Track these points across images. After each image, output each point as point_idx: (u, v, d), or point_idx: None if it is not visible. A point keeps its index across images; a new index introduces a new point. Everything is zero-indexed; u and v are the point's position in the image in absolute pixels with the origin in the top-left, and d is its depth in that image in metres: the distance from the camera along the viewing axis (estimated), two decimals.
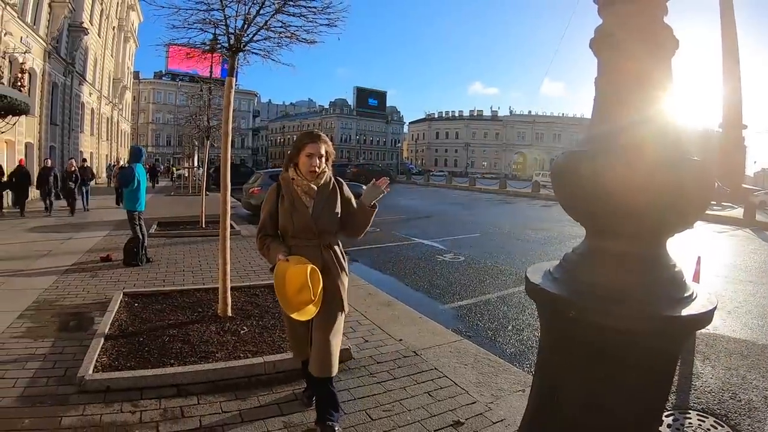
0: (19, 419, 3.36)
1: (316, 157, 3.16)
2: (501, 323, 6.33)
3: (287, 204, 3.19)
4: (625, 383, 2.03)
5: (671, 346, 2.10)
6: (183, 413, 3.53)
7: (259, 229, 3.32)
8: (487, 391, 4.06)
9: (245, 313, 5.55)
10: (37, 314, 5.64)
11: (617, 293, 1.99)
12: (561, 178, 2.25)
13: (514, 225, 16.98)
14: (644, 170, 1.91)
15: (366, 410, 3.68)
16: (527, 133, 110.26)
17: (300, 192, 3.20)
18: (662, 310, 1.95)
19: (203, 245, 10.75)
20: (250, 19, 5.03)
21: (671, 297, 2.00)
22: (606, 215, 2.07)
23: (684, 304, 1.98)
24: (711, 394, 4.40)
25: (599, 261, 2.13)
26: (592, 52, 2.26)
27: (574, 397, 2.15)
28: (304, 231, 3.17)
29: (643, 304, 1.95)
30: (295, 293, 2.86)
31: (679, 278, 2.08)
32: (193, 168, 31.40)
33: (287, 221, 3.18)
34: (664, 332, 1.98)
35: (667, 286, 2.03)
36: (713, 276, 8.94)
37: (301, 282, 2.85)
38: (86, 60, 34.51)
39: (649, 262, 2.06)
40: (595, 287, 2.05)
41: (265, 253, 3.25)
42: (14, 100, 16.83)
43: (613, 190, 1.96)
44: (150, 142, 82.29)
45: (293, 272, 2.88)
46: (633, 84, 2.08)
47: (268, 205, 3.29)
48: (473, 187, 41.62)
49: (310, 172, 3.17)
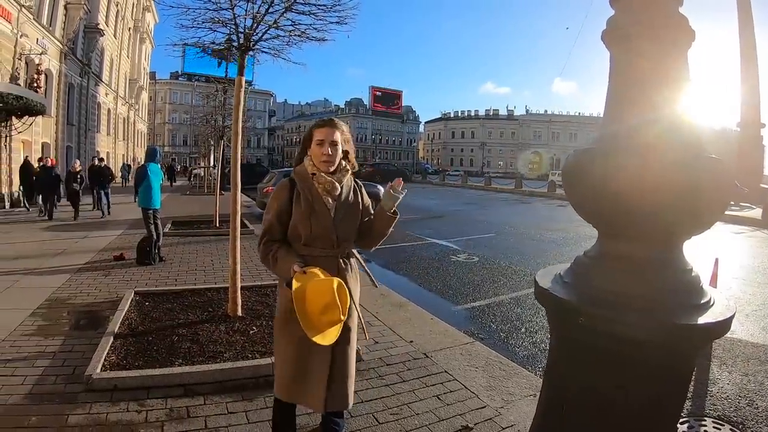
0: (26, 417, 3.37)
1: (327, 144, 2.67)
2: (514, 325, 6.25)
3: (304, 204, 2.67)
4: (636, 393, 1.93)
5: (686, 356, 2.00)
6: (189, 413, 3.52)
7: (264, 233, 2.75)
8: (497, 396, 3.98)
9: (255, 313, 5.53)
10: (48, 312, 5.69)
11: (629, 300, 1.89)
12: (572, 177, 2.17)
13: (530, 225, 16.84)
14: (658, 169, 1.82)
15: (373, 413, 3.62)
16: (543, 132, 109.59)
17: (321, 191, 2.70)
18: (676, 319, 1.84)
19: (216, 244, 10.78)
20: (259, 18, 5.01)
21: (686, 304, 1.91)
22: (618, 216, 1.98)
23: (700, 312, 1.88)
24: (727, 401, 4.28)
25: (611, 265, 2.04)
26: (604, 44, 2.18)
27: (584, 406, 2.07)
28: (322, 239, 2.68)
29: (655, 311, 1.85)
30: (320, 313, 2.39)
31: (695, 284, 1.98)
32: (209, 167, 31.57)
33: (303, 225, 2.65)
34: (677, 342, 1.87)
35: (682, 293, 1.93)
36: (730, 278, 8.77)
37: (327, 300, 2.38)
38: (102, 61, 34.93)
39: (664, 267, 1.96)
40: (605, 293, 1.96)
41: (271, 264, 2.69)
42: (30, 100, 17.11)
43: (626, 190, 1.88)
44: (166, 141, 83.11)
45: (316, 288, 2.41)
46: (647, 78, 1.98)
47: (276, 203, 2.73)
48: (489, 186, 41.42)
49: (323, 162, 2.68)
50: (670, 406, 2.02)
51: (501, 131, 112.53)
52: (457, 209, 23.23)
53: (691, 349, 2.01)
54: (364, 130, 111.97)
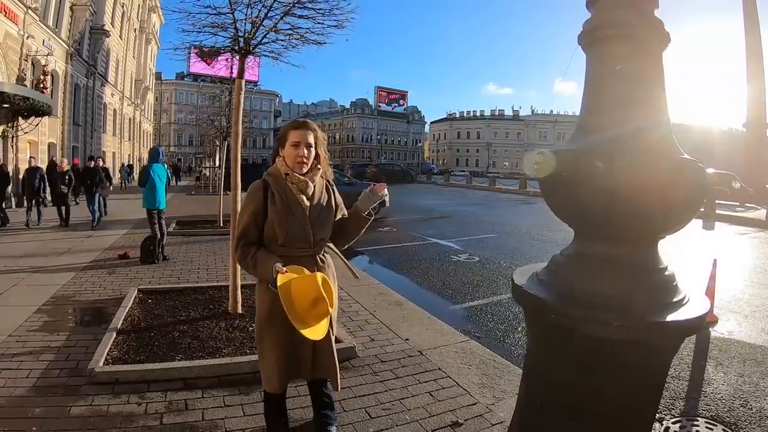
0: (30, 408, 3.49)
1: (303, 146, 2.67)
2: (511, 324, 6.31)
3: (279, 205, 2.65)
4: (612, 392, 1.95)
5: (661, 354, 2.00)
6: (187, 406, 3.62)
7: (239, 236, 2.71)
8: (489, 393, 4.05)
9: (255, 311, 5.59)
10: (54, 309, 5.82)
11: (604, 299, 1.91)
12: (548, 177, 2.18)
13: (532, 225, 16.83)
14: (633, 169, 1.85)
15: (366, 408, 3.70)
16: (549, 132, 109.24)
17: (296, 190, 2.69)
18: (650, 317, 1.86)
19: (220, 244, 10.88)
20: (258, 22, 5.10)
21: (661, 302, 1.92)
22: (593, 216, 2.01)
23: (674, 309, 1.90)
24: (722, 402, 4.28)
25: (586, 264, 2.05)
26: (580, 46, 2.19)
27: (560, 405, 2.08)
28: (299, 238, 2.68)
29: (630, 310, 1.87)
30: (309, 308, 2.43)
31: (668, 282, 2.00)
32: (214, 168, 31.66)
33: (279, 226, 2.63)
34: (652, 340, 1.88)
35: (656, 291, 1.95)
36: (731, 279, 8.78)
37: (314, 295, 2.42)
38: (108, 62, 35.13)
39: (639, 266, 1.98)
40: (580, 292, 1.97)
41: (250, 266, 2.67)
42: (36, 101, 17.25)
43: (601, 190, 1.90)
44: (172, 142, 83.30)
45: (301, 285, 2.45)
46: (622, 80, 2.01)
47: (251, 205, 2.69)
48: (493, 187, 41.36)
49: (298, 164, 2.68)
50: (645, 404, 2.04)
51: (507, 131, 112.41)
52: (461, 209, 23.20)
53: (666, 347, 2.01)
54: (369, 130, 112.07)
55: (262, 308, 2.78)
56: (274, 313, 2.60)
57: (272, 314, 2.65)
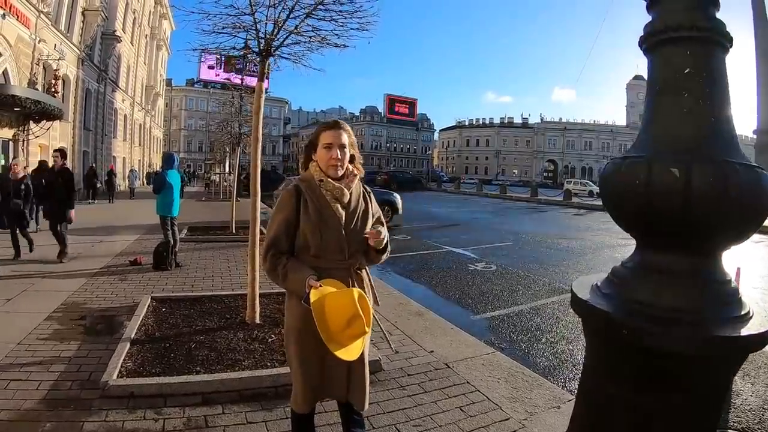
0: (40, 423, 3.32)
1: (336, 147, 2.49)
2: (534, 335, 6.12)
3: (313, 213, 2.46)
4: (676, 407, 1.88)
5: (727, 369, 1.97)
6: (207, 423, 3.44)
7: (269, 245, 2.48)
8: (521, 407, 3.87)
9: (274, 321, 5.44)
10: (64, 316, 5.66)
11: (673, 314, 1.84)
12: (612, 185, 2.11)
13: (546, 233, 16.66)
14: (710, 177, 1.79)
15: (395, 424, 3.53)
16: (558, 140, 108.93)
17: (330, 198, 2.51)
18: (720, 332, 1.81)
19: (233, 251, 10.75)
20: (280, 23, 4.97)
21: (727, 316, 1.86)
22: (662, 227, 1.94)
23: (741, 324, 1.85)
24: (751, 413, 4.16)
25: (651, 277, 1.98)
26: (642, 50, 2.14)
27: (621, 420, 2.01)
28: (333, 249, 2.48)
29: (700, 325, 1.82)
30: (344, 327, 2.24)
31: (734, 295, 1.94)
32: (224, 174, 31.59)
33: (313, 235, 2.44)
34: (720, 354, 1.84)
35: (723, 305, 1.89)
36: (751, 288, 8.57)
37: (351, 312, 2.23)
38: (119, 67, 35.42)
39: (704, 279, 1.93)
40: (648, 306, 1.91)
41: (281, 278, 2.44)
42: (48, 105, 17.29)
43: (669, 199, 1.84)
44: (182, 148, 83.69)
45: (336, 301, 2.26)
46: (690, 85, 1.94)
47: (282, 213, 2.50)
48: (504, 194, 41.23)
49: (332, 167, 2.49)
50: (707, 420, 1.97)
51: (516, 139, 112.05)
52: (473, 217, 23.09)
53: (732, 362, 1.97)
54: (378, 137, 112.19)
55: (291, 322, 2.56)
56: (305, 329, 2.41)
57: (302, 330, 2.45)
